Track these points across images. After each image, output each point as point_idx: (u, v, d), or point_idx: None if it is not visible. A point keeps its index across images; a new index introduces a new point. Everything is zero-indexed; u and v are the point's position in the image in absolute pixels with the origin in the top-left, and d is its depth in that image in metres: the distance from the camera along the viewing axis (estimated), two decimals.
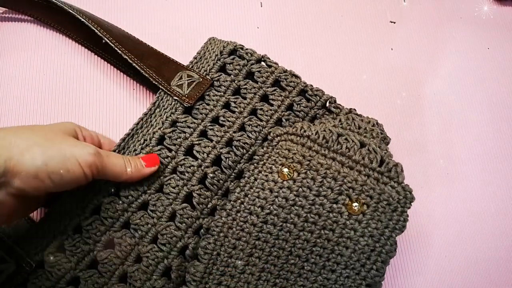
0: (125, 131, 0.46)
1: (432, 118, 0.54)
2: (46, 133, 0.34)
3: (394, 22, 0.59)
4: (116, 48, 0.45)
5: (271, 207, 0.38)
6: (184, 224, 0.40)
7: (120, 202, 0.40)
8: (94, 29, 0.46)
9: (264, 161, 0.40)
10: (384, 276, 0.37)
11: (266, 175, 0.39)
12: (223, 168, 0.42)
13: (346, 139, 0.39)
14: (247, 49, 0.46)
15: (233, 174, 0.42)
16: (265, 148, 0.41)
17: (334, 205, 0.37)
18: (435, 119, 0.54)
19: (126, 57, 0.45)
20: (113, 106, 0.50)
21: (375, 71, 0.55)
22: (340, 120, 0.42)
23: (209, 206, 0.41)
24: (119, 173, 0.38)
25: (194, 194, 0.41)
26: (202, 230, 0.40)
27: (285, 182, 0.38)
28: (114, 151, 0.41)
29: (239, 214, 0.38)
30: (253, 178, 0.39)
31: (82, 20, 0.46)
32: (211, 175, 0.41)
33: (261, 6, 0.57)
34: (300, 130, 0.40)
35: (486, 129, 0.54)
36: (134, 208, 0.40)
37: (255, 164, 0.40)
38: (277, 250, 0.38)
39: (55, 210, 0.40)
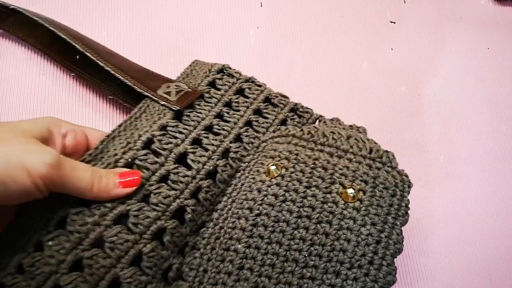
0: None
1: (432, 118, 0.54)
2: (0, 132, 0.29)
3: (394, 22, 0.59)
4: (98, 61, 0.42)
5: (261, 207, 0.34)
6: (173, 243, 0.34)
7: (90, 213, 0.33)
8: (76, 45, 0.43)
9: (251, 166, 0.38)
10: (396, 276, 0.33)
11: (253, 177, 0.36)
12: (218, 182, 0.37)
13: (332, 132, 0.38)
14: (234, 69, 0.45)
15: (226, 188, 0.39)
16: (251, 156, 0.39)
17: (328, 195, 0.34)
18: (435, 119, 0.54)
19: (109, 69, 0.41)
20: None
21: (375, 71, 0.55)
22: (324, 122, 0.42)
23: (198, 222, 0.36)
24: (82, 190, 0.31)
25: (188, 210, 0.35)
26: (187, 248, 0.36)
27: (273, 180, 0.35)
28: (90, 154, 0.35)
29: (226, 221, 0.35)
30: (240, 184, 0.37)
31: (63, 37, 0.43)
32: (206, 189, 0.36)
33: (261, 6, 0.57)
34: (285, 131, 0.40)
35: (486, 129, 0.54)
36: (109, 221, 0.33)
37: (241, 171, 0.38)
38: (271, 257, 0.33)
39: (17, 223, 0.33)
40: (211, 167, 0.37)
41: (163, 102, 0.40)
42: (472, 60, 0.58)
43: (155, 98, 0.40)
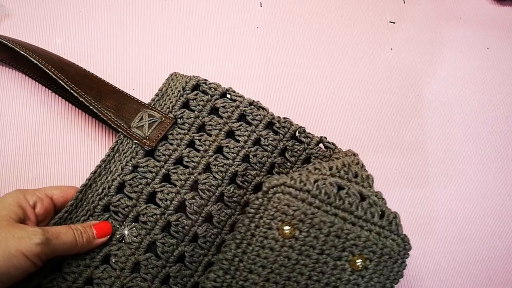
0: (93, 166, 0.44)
1: (432, 118, 0.54)
2: None
3: (394, 22, 0.59)
4: (72, 91, 0.43)
5: (273, 266, 0.37)
6: (149, 274, 0.39)
7: (82, 257, 0.39)
8: (48, 71, 0.43)
9: (261, 214, 0.38)
10: None
11: (265, 232, 0.37)
12: (189, 214, 0.41)
13: (347, 193, 0.38)
14: (210, 83, 0.45)
15: (200, 218, 0.41)
16: (260, 200, 0.38)
17: (338, 262, 0.37)
18: (435, 119, 0.54)
19: (83, 100, 0.43)
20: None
21: (375, 71, 0.55)
22: (337, 168, 0.40)
23: (175, 253, 0.40)
24: (69, 250, 0.37)
25: (158, 244, 0.40)
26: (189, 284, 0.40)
27: (286, 241, 0.37)
28: (71, 205, 0.39)
29: (238, 273, 0.37)
30: (250, 233, 0.38)
31: (35, 62, 0.44)
32: (174, 223, 0.40)
33: (261, 6, 0.57)
34: (299, 183, 0.38)
35: (486, 129, 0.54)
36: (97, 262, 0.39)
37: (250, 218, 0.38)
38: None
39: None
40: (179, 202, 0.41)
41: (136, 141, 0.42)
42: (471, 60, 0.58)
43: (128, 135, 0.42)
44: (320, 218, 0.37)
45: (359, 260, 0.36)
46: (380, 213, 0.38)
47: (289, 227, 0.37)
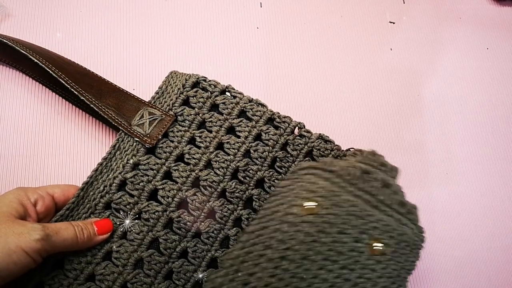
0: (92, 167, 0.43)
1: (431, 118, 0.54)
2: None
3: (394, 23, 0.59)
4: (72, 90, 0.43)
5: (292, 242, 0.35)
6: (153, 270, 0.39)
7: (84, 254, 0.39)
8: (49, 70, 0.43)
9: (286, 193, 0.38)
10: None
11: (289, 207, 0.37)
12: (191, 211, 0.41)
13: (372, 177, 0.38)
14: (210, 80, 0.45)
15: (202, 214, 0.41)
16: (287, 181, 0.39)
17: (356, 244, 0.36)
18: (435, 119, 0.54)
19: (83, 98, 0.43)
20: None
21: (375, 72, 0.56)
22: (365, 155, 0.40)
23: (177, 249, 0.40)
24: (69, 246, 0.37)
25: (160, 240, 0.40)
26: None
27: (308, 216, 0.36)
28: (73, 202, 0.39)
29: (254, 247, 0.36)
30: (272, 210, 0.37)
31: (36, 61, 0.43)
32: (176, 219, 0.40)
33: (261, 6, 0.57)
34: (326, 164, 0.38)
35: (486, 129, 0.54)
36: (99, 259, 0.39)
37: (275, 195, 0.38)
38: None
39: None
40: (180, 199, 0.41)
41: (137, 139, 0.42)
42: (471, 60, 0.58)
43: (129, 133, 0.42)
44: (342, 197, 0.37)
45: (378, 244, 0.36)
46: (400, 202, 0.38)
47: (311, 203, 0.36)
